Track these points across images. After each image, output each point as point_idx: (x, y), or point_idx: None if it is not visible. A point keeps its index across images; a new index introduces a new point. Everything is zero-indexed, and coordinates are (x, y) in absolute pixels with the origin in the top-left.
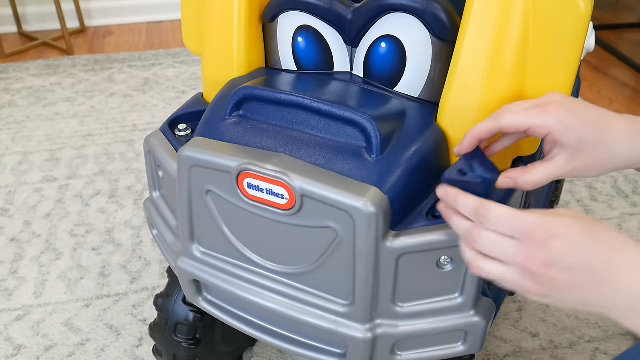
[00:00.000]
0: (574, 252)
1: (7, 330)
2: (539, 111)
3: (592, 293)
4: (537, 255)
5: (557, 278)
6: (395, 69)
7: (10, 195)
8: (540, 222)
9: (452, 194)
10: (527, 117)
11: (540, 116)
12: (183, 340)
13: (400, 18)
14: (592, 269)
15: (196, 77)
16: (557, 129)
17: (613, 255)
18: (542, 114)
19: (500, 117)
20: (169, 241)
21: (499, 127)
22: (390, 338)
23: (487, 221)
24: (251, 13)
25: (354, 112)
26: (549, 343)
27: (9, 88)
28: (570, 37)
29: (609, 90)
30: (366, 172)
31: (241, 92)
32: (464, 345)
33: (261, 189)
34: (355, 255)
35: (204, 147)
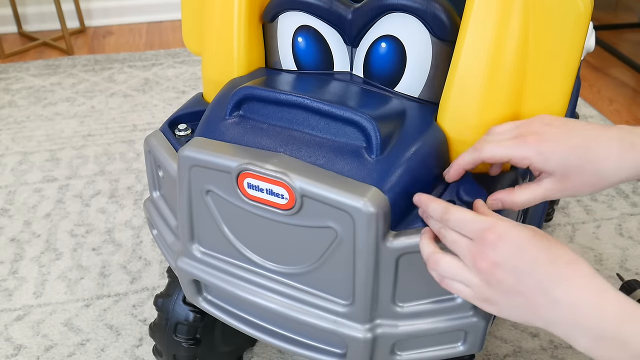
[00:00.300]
0: (519, 255)
1: (7, 330)
2: (518, 142)
3: (535, 301)
4: (486, 253)
5: (504, 279)
6: (395, 69)
7: (10, 195)
8: (493, 224)
9: (424, 201)
10: (506, 150)
11: (520, 148)
12: (183, 340)
13: (400, 18)
14: (535, 274)
15: (196, 77)
16: (537, 160)
17: (559, 268)
18: (521, 146)
19: (481, 150)
20: (169, 241)
21: (481, 158)
22: (390, 338)
23: (449, 222)
24: (251, 13)
25: (354, 112)
26: (549, 343)
27: (9, 88)
28: (570, 37)
29: (609, 90)
30: (366, 172)
31: (241, 92)
32: (464, 345)
33: (261, 189)
34: (355, 255)
35: (204, 147)
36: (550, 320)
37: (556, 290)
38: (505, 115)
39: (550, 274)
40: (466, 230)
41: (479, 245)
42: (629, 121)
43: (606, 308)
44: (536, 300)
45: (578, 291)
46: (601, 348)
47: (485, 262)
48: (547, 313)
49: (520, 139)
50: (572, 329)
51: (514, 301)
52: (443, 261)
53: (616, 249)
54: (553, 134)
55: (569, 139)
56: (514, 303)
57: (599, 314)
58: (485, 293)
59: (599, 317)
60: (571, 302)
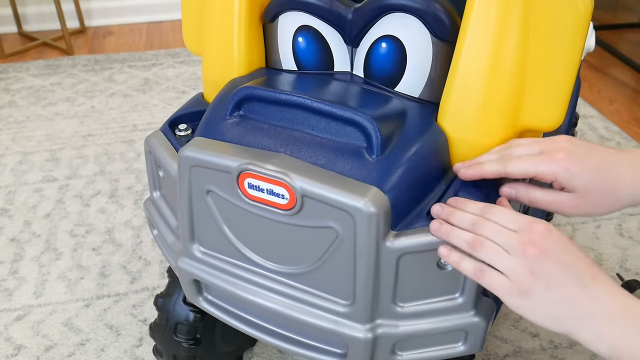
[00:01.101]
0: (565, 249)
1: (7, 330)
2: (545, 159)
3: (574, 295)
4: (537, 241)
5: (549, 269)
6: (396, 69)
7: (10, 195)
8: (538, 220)
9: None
10: (533, 166)
11: (548, 164)
12: (183, 340)
13: (401, 18)
14: (578, 269)
15: (196, 77)
16: (563, 176)
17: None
18: (549, 162)
19: (507, 164)
20: (169, 241)
21: (505, 172)
22: (390, 338)
23: (493, 215)
24: (251, 13)
25: (354, 112)
26: (549, 343)
27: (9, 88)
28: (570, 37)
29: (609, 90)
30: (367, 172)
31: (241, 92)
32: (464, 345)
33: (262, 189)
34: (356, 255)
35: (204, 147)
36: (584, 316)
37: (594, 287)
38: (506, 115)
39: (589, 272)
40: (512, 222)
41: (528, 233)
42: (629, 121)
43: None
44: (576, 294)
45: (610, 291)
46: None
47: (535, 248)
48: (583, 309)
49: (548, 155)
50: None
51: (553, 295)
52: (488, 244)
53: (616, 249)
54: (579, 153)
55: (593, 159)
56: (551, 297)
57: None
58: (524, 283)
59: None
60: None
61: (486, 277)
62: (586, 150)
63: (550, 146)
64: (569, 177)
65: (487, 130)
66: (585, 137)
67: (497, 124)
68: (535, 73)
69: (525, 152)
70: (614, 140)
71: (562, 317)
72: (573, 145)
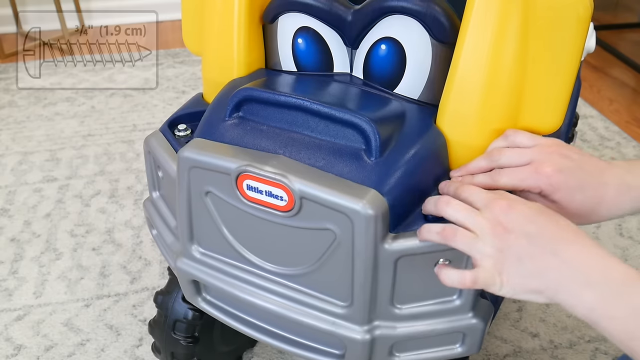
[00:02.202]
0: (529, 220)
1: (7, 330)
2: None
3: (545, 263)
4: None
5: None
6: (395, 71)
7: (10, 195)
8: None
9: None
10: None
11: (534, 179)
12: (181, 337)
13: (400, 20)
14: (546, 237)
15: (196, 77)
16: (547, 190)
17: (567, 233)
18: (535, 177)
19: (496, 179)
20: (169, 241)
21: (495, 185)
22: (388, 339)
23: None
24: (251, 14)
25: (353, 114)
26: (549, 343)
27: (9, 88)
28: (570, 40)
29: (609, 90)
30: (365, 174)
31: (241, 93)
32: (462, 347)
33: (260, 191)
34: (354, 257)
35: (203, 148)
36: (559, 281)
37: (566, 252)
38: (505, 117)
39: (559, 238)
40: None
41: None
42: (629, 121)
43: (612, 269)
44: (546, 261)
45: (586, 253)
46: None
47: (499, 226)
48: (557, 274)
49: (536, 168)
50: (580, 289)
51: (525, 268)
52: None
53: (616, 249)
54: (567, 168)
55: (578, 177)
56: (524, 270)
57: (606, 275)
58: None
59: (605, 276)
60: (580, 262)
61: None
62: (574, 165)
63: (540, 156)
64: (552, 191)
65: (486, 132)
66: (585, 137)
67: (497, 126)
68: (534, 75)
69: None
70: (614, 140)
71: (539, 287)
72: (563, 159)
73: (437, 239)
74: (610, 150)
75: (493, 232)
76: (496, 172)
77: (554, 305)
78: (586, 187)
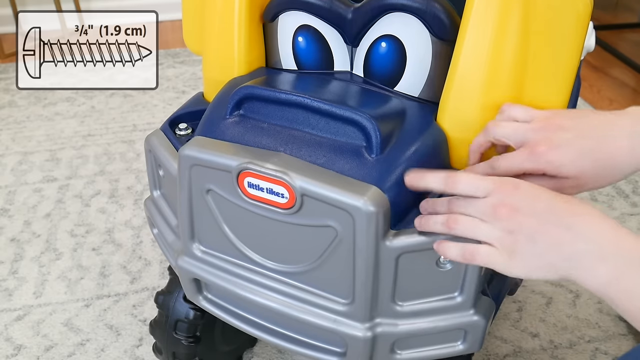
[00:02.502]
0: (536, 198)
1: (7, 330)
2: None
3: (558, 238)
4: (505, 200)
5: (525, 222)
6: (395, 69)
7: (10, 195)
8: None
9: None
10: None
11: (530, 161)
12: (183, 337)
13: (401, 18)
14: (555, 213)
15: (196, 77)
16: (549, 169)
17: (574, 206)
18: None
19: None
20: (170, 240)
21: (494, 173)
22: (390, 337)
23: (458, 185)
24: (252, 12)
25: (354, 111)
26: (549, 343)
27: (9, 88)
28: (570, 36)
29: (609, 90)
30: (366, 171)
31: (242, 91)
32: (463, 344)
33: (261, 188)
34: (355, 254)
35: (204, 146)
36: (574, 255)
37: (577, 224)
38: None
39: (569, 211)
40: (478, 188)
41: (496, 195)
42: None
43: (624, 239)
44: (559, 237)
45: (597, 224)
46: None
47: (505, 208)
48: (571, 248)
49: (531, 151)
50: (594, 263)
51: (538, 245)
52: (461, 219)
53: None
54: (563, 139)
55: (579, 142)
56: (538, 248)
57: (619, 245)
58: (507, 245)
59: (619, 248)
60: (593, 234)
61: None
62: (572, 134)
63: (534, 135)
64: (556, 168)
65: None
66: None
67: None
68: (535, 72)
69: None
70: None
71: (554, 263)
72: (557, 132)
73: (441, 229)
74: None
75: (498, 214)
76: (494, 160)
77: (554, 305)
78: (591, 152)
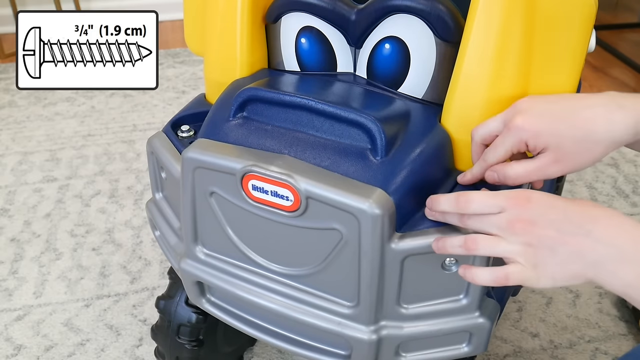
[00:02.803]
0: (551, 209)
1: (7, 330)
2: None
3: (579, 245)
4: (520, 215)
5: (543, 234)
6: (399, 70)
7: (10, 195)
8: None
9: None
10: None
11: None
12: (186, 341)
13: (404, 19)
14: (571, 220)
15: (196, 77)
16: (530, 139)
17: (590, 210)
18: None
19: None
20: (172, 243)
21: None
22: (395, 339)
23: (471, 205)
24: (254, 14)
25: (358, 113)
26: (549, 343)
27: (9, 88)
28: (574, 37)
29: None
30: (371, 174)
31: (245, 93)
32: (468, 347)
33: (266, 191)
34: (361, 256)
35: (208, 148)
36: (597, 261)
37: (596, 230)
38: None
39: (585, 217)
40: (491, 206)
41: (511, 210)
42: None
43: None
44: (580, 244)
45: (615, 225)
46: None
47: (521, 222)
48: (593, 254)
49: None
50: (616, 266)
51: (560, 255)
52: (480, 239)
53: None
54: (538, 109)
55: (554, 109)
56: (560, 258)
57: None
58: (531, 258)
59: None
60: (612, 238)
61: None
62: (547, 103)
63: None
64: (535, 137)
65: None
66: None
67: None
68: (539, 71)
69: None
70: None
71: (578, 271)
72: (532, 103)
73: (461, 252)
74: None
75: (515, 230)
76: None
77: (554, 305)
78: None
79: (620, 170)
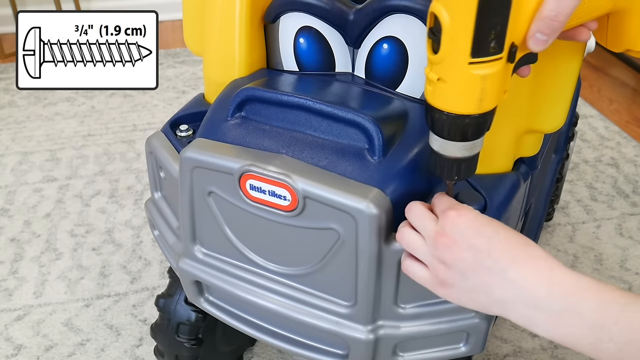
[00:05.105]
0: (477, 232)
1: (7, 330)
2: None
3: (489, 280)
4: (446, 228)
5: (460, 257)
6: (397, 70)
7: (10, 195)
8: (453, 204)
9: None
10: None
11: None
12: (185, 340)
13: (402, 19)
14: (491, 253)
15: (196, 77)
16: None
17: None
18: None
19: None
20: (171, 242)
21: None
22: (392, 339)
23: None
24: (253, 14)
25: (356, 113)
26: (549, 343)
27: (9, 88)
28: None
29: (609, 90)
30: (368, 174)
31: (243, 93)
32: (465, 347)
33: (263, 191)
34: (358, 256)
35: (206, 148)
36: (505, 300)
37: (510, 271)
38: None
39: (506, 255)
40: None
41: (441, 222)
42: (629, 121)
43: (555, 284)
44: (491, 280)
45: (531, 271)
46: (559, 326)
47: (444, 237)
48: (502, 293)
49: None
50: (528, 310)
51: (469, 282)
52: (407, 235)
53: (616, 248)
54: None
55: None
56: (468, 285)
57: (549, 292)
58: (440, 274)
59: (549, 295)
60: (524, 282)
61: (408, 272)
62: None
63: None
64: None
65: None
66: (585, 136)
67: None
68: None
69: None
70: (614, 140)
71: (484, 302)
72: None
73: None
74: (610, 150)
75: (437, 242)
76: None
77: None
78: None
79: (620, 170)
